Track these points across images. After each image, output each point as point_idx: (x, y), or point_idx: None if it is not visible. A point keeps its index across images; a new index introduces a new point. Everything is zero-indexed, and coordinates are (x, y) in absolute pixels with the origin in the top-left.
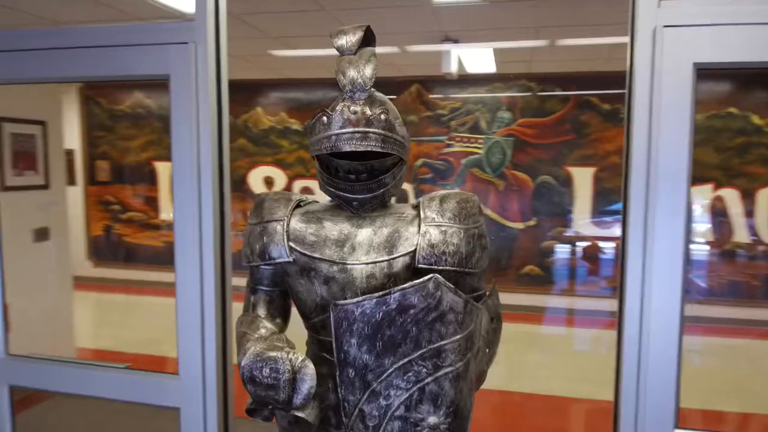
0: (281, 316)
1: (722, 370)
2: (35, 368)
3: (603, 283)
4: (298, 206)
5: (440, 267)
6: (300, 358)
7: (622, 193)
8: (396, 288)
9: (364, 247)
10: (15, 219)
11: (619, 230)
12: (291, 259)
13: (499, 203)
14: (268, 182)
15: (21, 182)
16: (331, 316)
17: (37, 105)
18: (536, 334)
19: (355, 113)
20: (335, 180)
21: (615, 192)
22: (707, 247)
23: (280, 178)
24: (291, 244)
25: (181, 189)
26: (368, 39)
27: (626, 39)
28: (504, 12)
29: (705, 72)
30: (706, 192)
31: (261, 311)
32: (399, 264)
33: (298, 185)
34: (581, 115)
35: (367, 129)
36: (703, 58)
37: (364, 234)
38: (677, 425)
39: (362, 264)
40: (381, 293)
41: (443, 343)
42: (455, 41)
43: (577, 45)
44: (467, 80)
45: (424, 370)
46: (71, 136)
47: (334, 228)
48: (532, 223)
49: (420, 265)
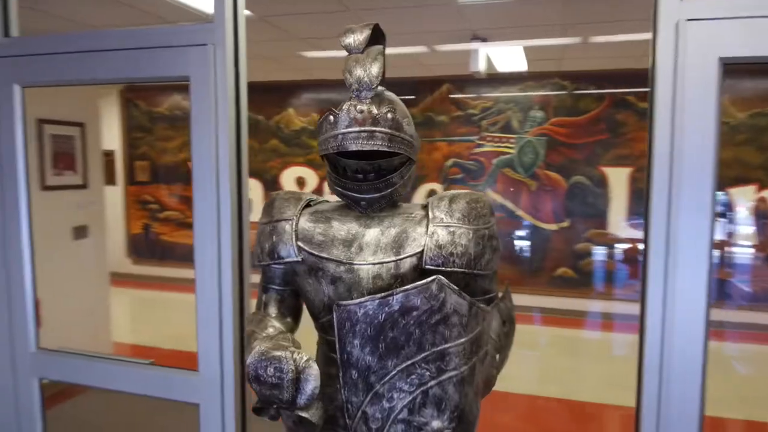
0: (292, 316)
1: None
2: (63, 362)
3: (639, 287)
4: (308, 206)
5: (448, 268)
6: (304, 358)
7: (645, 194)
8: (398, 289)
9: (371, 248)
10: (55, 217)
11: None
12: (299, 259)
13: (532, 204)
14: (300, 182)
15: (60, 182)
16: (334, 317)
17: (76, 107)
18: (569, 338)
19: (362, 112)
20: (343, 180)
21: None
22: (751, 251)
23: (312, 178)
24: (299, 244)
25: (201, 188)
26: (377, 38)
27: None
28: (531, 9)
29: (742, 68)
30: (750, 193)
31: (272, 310)
32: (406, 265)
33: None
34: (617, 114)
35: (374, 128)
36: (730, 53)
37: (372, 234)
38: None
39: (369, 264)
40: (383, 294)
41: (447, 346)
42: (483, 40)
43: (611, 42)
44: (499, 79)
45: (428, 374)
46: (112, 138)
47: (342, 228)
48: (566, 225)
49: (427, 266)
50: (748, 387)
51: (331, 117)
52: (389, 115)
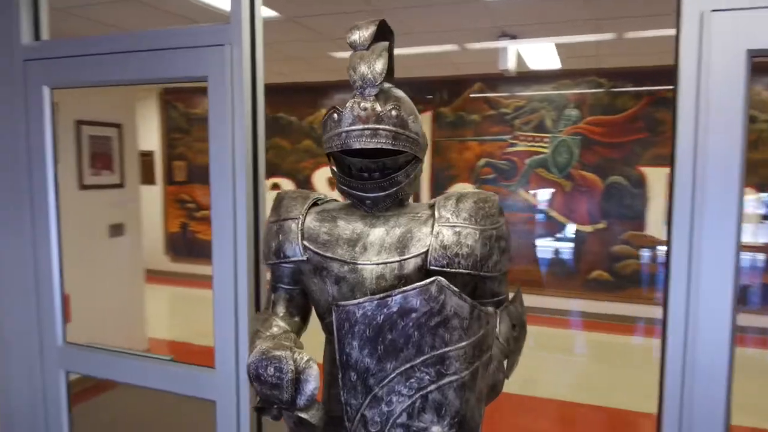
0: (300, 315)
1: None
2: (88, 356)
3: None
4: (316, 205)
5: (453, 269)
6: (305, 359)
7: (668, 194)
8: (397, 290)
9: (376, 247)
10: (92, 216)
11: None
12: (304, 258)
13: (566, 205)
14: (332, 183)
15: (98, 181)
16: (333, 317)
17: (113, 109)
18: (604, 343)
19: (365, 110)
20: (347, 178)
21: None
22: None
23: None
24: (305, 243)
25: (218, 187)
26: (385, 35)
27: None
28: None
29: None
30: None
31: (280, 309)
32: (410, 265)
33: None
34: (656, 112)
35: (377, 126)
36: (759, 44)
37: (377, 234)
38: None
39: (373, 264)
40: (382, 295)
41: (447, 350)
42: (513, 37)
43: (648, 37)
44: (532, 77)
45: (427, 377)
46: (151, 139)
47: (348, 227)
48: (602, 226)
49: (432, 267)
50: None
51: (335, 115)
52: (393, 113)
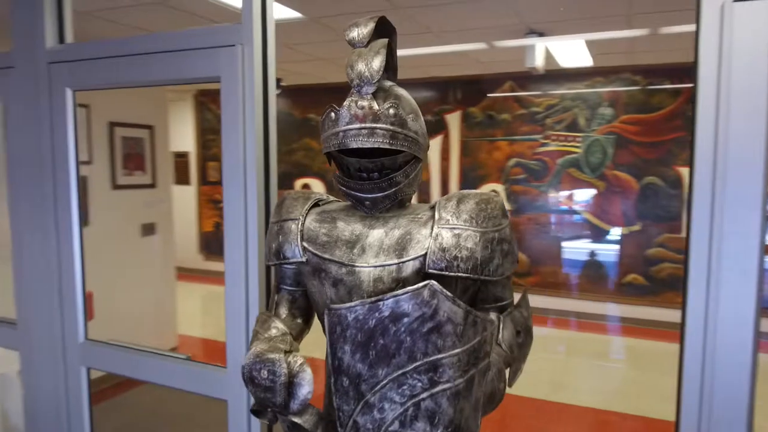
0: (303, 317)
1: None
2: (108, 353)
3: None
4: (317, 205)
5: (452, 273)
6: (299, 362)
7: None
8: (389, 294)
9: (374, 249)
10: (125, 215)
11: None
12: (304, 259)
13: (599, 206)
14: None
15: (130, 181)
16: (326, 320)
17: (146, 111)
18: (638, 349)
19: (362, 108)
20: (346, 179)
21: None
22: None
23: None
24: (304, 244)
25: (229, 187)
26: (388, 32)
27: None
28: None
29: None
30: None
31: (282, 311)
32: (409, 268)
33: None
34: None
35: (374, 125)
36: None
37: (376, 235)
38: None
39: (370, 267)
40: (373, 299)
41: (439, 357)
42: (540, 34)
43: (685, 32)
44: (564, 75)
45: (420, 385)
46: (187, 140)
47: (347, 228)
48: (637, 228)
49: (430, 270)
50: None
51: (333, 114)
52: (391, 111)
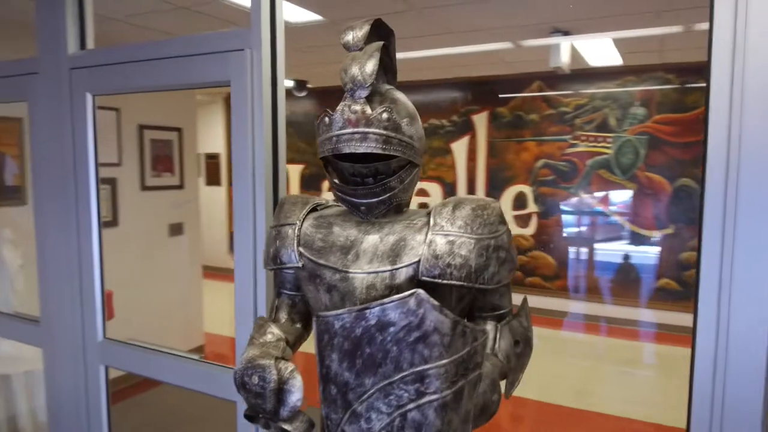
0: (302, 322)
1: None
2: (124, 352)
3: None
4: (316, 210)
5: (445, 281)
6: (289, 369)
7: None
8: (375, 302)
9: (368, 256)
10: (153, 215)
11: None
12: (300, 265)
13: (630, 208)
14: None
15: (159, 183)
16: (314, 328)
17: (174, 113)
18: (671, 356)
19: (355, 113)
20: (341, 184)
21: None
22: None
23: None
24: (301, 249)
25: (239, 188)
26: (386, 34)
27: None
28: None
29: None
30: None
31: (282, 315)
32: (402, 275)
33: None
34: None
35: (367, 129)
36: None
37: (370, 241)
38: None
39: (363, 273)
40: (360, 307)
41: (426, 368)
42: (566, 33)
43: None
44: (594, 74)
45: (406, 395)
46: (217, 142)
47: (342, 234)
48: (670, 231)
49: (423, 278)
50: None
51: (327, 118)
52: (384, 115)
